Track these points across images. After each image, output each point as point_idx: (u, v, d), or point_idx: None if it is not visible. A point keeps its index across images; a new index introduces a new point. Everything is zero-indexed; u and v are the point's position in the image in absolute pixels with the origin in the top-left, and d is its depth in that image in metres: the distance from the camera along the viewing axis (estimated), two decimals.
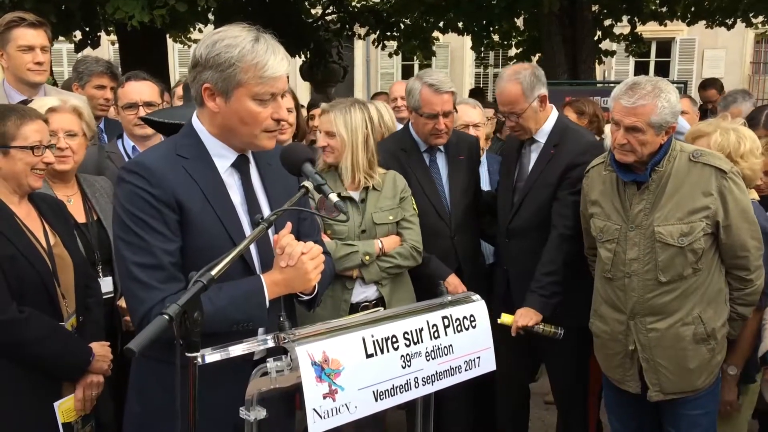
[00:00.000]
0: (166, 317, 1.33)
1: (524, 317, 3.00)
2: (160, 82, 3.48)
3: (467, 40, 11.97)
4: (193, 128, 1.89)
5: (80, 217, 2.77)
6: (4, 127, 2.31)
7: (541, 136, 3.17)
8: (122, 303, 2.83)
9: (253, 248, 1.86)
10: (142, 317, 1.73)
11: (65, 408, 2.33)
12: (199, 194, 1.81)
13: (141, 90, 3.32)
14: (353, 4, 11.74)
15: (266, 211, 1.90)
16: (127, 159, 3.30)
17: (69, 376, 2.39)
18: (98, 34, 8.87)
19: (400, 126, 4.72)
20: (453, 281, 3.16)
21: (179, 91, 3.99)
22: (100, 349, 2.47)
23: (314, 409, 1.49)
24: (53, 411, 2.31)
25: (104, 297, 2.75)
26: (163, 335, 1.36)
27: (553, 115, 3.21)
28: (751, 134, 2.83)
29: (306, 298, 1.93)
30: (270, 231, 1.84)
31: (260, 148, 1.88)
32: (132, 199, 1.76)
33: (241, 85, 1.77)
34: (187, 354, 1.41)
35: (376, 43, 12.21)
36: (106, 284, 2.79)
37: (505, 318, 3.04)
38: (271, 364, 1.52)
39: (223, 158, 1.88)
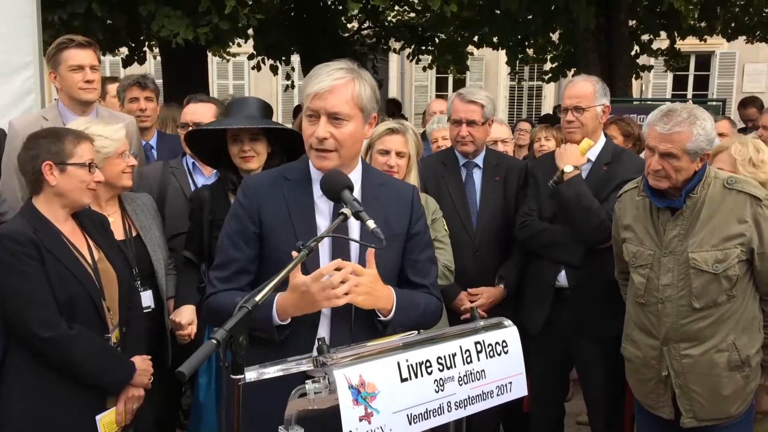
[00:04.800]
0: (214, 341, 1.41)
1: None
2: (220, 103, 3.60)
3: (502, 54, 11.97)
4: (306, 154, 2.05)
5: (119, 235, 2.87)
6: (62, 145, 2.43)
7: (591, 155, 3.24)
8: (174, 317, 2.95)
9: (324, 260, 1.95)
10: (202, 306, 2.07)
11: (106, 421, 2.42)
12: (284, 212, 1.97)
13: (195, 110, 3.51)
14: (389, 19, 11.86)
15: (352, 243, 1.96)
16: (188, 175, 3.48)
17: (112, 390, 2.48)
18: (143, 50, 9.14)
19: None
20: (463, 299, 3.29)
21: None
22: (142, 363, 2.57)
23: (350, 431, 1.55)
24: (95, 424, 2.39)
25: (144, 311, 2.85)
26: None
27: (603, 136, 3.32)
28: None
29: (383, 318, 1.97)
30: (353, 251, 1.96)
31: (317, 168, 1.98)
32: (232, 208, 2.07)
33: (303, 104, 1.99)
34: (232, 376, 1.48)
35: (410, 57, 12.31)
36: (146, 299, 2.89)
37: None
38: (309, 385, 1.58)
39: (319, 183, 1.97)
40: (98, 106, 3.56)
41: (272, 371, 1.65)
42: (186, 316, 2.93)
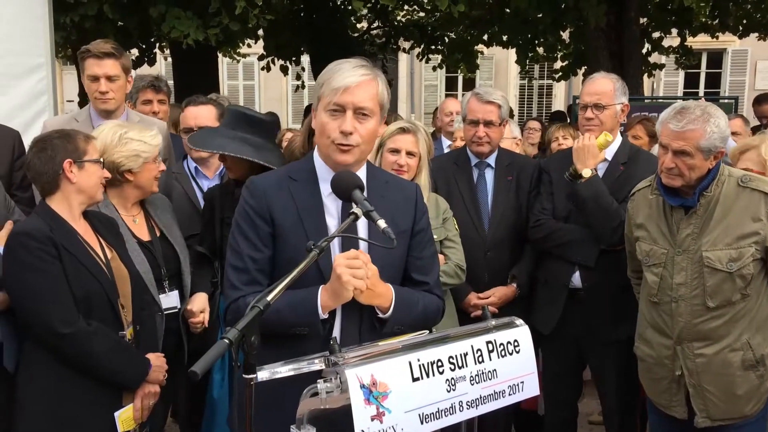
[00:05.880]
0: (226, 341, 1.42)
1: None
2: (218, 104, 3.60)
3: (512, 53, 11.95)
4: (312, 152, 2.05)
5: (144, 236, 2.89)
6: (77, 143, 2.49)
7: (608, 154, 3.22)
8: (186, 305, 2.95)
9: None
10: (225, 310, 2.01)
11: (125, 417, 2.45)
12: (294, 212, 1.97)
13: (197, 114, 3.50)
14: (398, 18, 11.87)
15: (361, 241, 1.95)
16: (191, 179, 3.48)
17: (129, 386, 2.51)
18: (154, 51, 9.19)
19: (448, 142, 4.83)
20: (471, 298, 3.27)
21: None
22: (157, 360, 2.60)
23: (362, 431, 1.55)
24: (114, 420, 2.42)
25: (171, 312, 2.86)
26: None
27: (619, 135, 3.30)
28: None
29: (381, 316, 1.97)
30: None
31: (337, 164, 1.96)
32: (239, 210, 2.03)
33: (321, 99, 1.96)
34: (244, 375, 1.49)
35: (420, 57, 12.32)
36: (173, 299, 2.89)
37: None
38: (321, 385, 1.58)
39: (327, 182, 1.97)
40: (129, 110, 3.58)
41: (284, 371, 1.65)
42: (198, 303, 2.94)
